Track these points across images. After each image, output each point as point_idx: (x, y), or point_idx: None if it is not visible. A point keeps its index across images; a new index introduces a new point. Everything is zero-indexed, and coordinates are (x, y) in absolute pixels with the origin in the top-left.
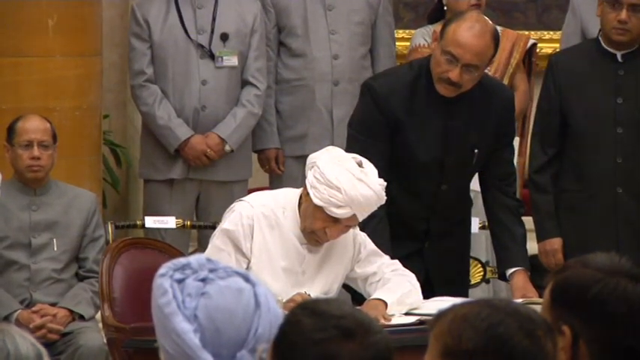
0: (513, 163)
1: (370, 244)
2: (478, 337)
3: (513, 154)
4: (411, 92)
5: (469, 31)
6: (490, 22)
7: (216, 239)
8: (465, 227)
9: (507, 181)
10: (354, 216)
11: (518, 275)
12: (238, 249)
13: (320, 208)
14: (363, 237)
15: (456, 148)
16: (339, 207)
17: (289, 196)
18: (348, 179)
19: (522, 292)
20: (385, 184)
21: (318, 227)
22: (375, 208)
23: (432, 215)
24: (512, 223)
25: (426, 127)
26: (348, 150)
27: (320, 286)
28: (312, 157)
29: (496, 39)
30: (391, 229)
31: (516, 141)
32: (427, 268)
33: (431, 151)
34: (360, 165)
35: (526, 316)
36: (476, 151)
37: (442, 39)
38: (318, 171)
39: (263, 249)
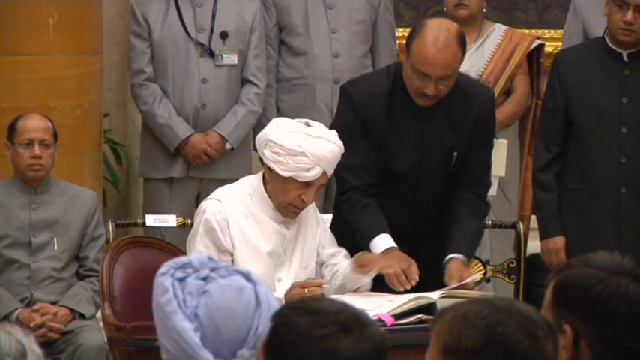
0: (488, 168)
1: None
2: (477, 336)
3: (489, 156)
4: (389, 100)
5: (434, 46)
6: (452, 23)
7: (198, 244)
8: None
9: (480, 186)
10: (324, 173)
11: (454, 262)
12: (219, 248)
13: (290, 179)
14: (323, 218)
15: (434, 151)
16: (308, 170)
17: (251, 182)
18: (307, 141)
19: (449, 279)
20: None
21: (293, 197)
22: (339, 158)
23: (417, 219)
24: (468, 217)
25: (403, 133)
26: None
27: (298, 262)
28: (261, 136)
29: (462, 40)
30: None
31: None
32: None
33: (407, 160)
34: (307, 125)
35: (527, 317)
36: (455, 153)
37: (409, 56)
38: (274, 145)
39: (242, 239)
